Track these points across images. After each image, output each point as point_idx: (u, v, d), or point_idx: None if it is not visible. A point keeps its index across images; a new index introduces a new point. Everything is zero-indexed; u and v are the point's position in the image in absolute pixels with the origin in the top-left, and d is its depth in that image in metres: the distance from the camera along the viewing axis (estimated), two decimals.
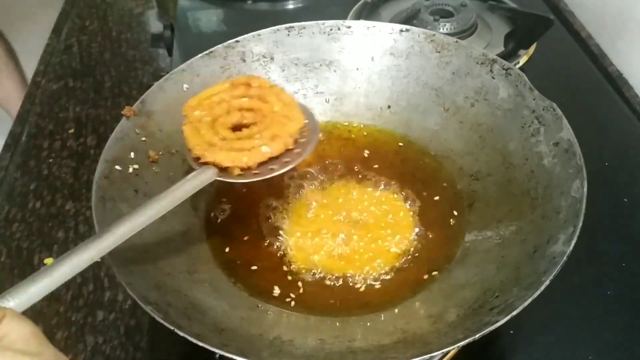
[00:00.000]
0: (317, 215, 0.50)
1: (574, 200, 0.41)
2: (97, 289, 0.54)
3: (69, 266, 0.34)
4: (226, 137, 0.45)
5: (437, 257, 0.47)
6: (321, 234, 0.49)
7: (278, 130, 0.45)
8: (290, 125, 0.45)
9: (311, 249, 0.48)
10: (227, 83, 0.49)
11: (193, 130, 0.45)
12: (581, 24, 0.80)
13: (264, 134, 0.44)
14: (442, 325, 0.40)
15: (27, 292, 0.31)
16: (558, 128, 0.46)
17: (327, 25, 0.57)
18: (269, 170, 0.44)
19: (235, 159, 0.43)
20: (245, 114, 0.47)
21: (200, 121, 0.46)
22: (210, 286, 0.44)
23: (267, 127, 0.45)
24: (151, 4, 0.92)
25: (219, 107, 0.47)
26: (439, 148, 0.55)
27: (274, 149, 0.44)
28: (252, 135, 0.45)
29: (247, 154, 0.43)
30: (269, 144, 0.44)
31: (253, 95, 0.48)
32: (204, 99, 0.48)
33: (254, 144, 0.44)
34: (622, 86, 0.71)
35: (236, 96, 0.48)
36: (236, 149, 0.43)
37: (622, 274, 0.51)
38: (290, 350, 0.39)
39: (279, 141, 0.44)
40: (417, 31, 0.56)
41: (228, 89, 0.48)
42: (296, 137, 0.46)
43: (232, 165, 0.43)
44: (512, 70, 0.51)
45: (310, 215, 0.50)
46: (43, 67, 0.80)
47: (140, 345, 0.49)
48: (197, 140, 0.44)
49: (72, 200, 0.62)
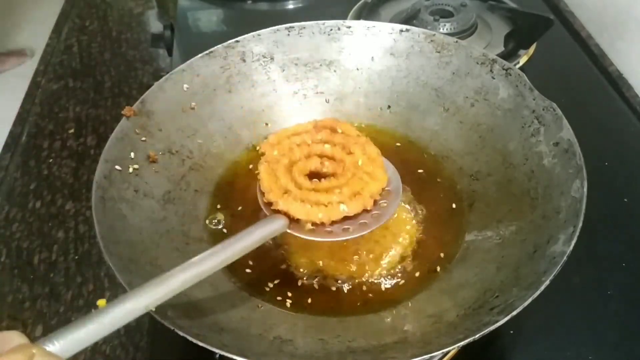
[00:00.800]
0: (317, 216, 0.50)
1: (574, 200, 0.41)
2: (97, 289, 0.54)
3: (123, 312, 0.31)
4: (302, 185, 0.42)
5: (437, 257, 0.47)
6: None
7: (359, 188, 0.42)
8: (373, 184, 0.42)
9: (311, 250, 0.48)
10: (311, 124, 0.47)
11: (269, 172, 0.43)
12: (581, 24, 0.80)
13: (344, 191, 0.42)
14: (442, 325, 0.40)
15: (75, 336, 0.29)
16: (558, 128, 0.46)
17: (327, 25, 0.57)
18: (343, 232, 0.41)
19: (310, 213, 0.40)
20: (326, 162, 0.44)
21: (278, 162, 0.43)
22: (210, 286, 0.44)
23: (347, 183, 0.42)
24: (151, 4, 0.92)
25: (299, 150, 0.44)
26: (439, 148, 0.55)
27: (352, 208, 0.41)
28: (331, 189, 0.42)
29: (324, 209, 0.41)
30: (348, 202, 0.41)
31: (337, 143, 0.45)
32: (284, 137, 0.46)
33: (332, 200, 0.41)
34: (622, 86, 0.71)
35: (318, 140, 0.45)
36: (312, 202, 0.41)
37: (622, 274, 0.51)
38: (290, 350, 0.39)
39: (359, 201, 0.41)
40: (417, 31, 0.56)
41: (311, 130, 0.46)
42: (377, 198, 0.43)
43: (305, 219, 0.41)
44: (512, 70, 0.51)
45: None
46: (43, 67, 0.80)
47: (140, 345, 0.49)
48: (272, 185, 0.42)
49: (72, 200, 0.62)
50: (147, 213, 0.46)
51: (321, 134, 0.46)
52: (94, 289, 0.54)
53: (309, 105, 0.58)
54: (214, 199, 0.52)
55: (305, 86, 0.58)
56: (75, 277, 0.55)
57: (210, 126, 0.54)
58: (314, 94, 0.58)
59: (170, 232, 0.47)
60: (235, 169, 0.54)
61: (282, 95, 0.58)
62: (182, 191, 0.50)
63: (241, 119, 0.56)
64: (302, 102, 0.58)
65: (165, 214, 0.48)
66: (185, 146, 0.52)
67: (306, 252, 0.47)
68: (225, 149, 0.55)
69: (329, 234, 0.41)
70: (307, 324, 0.43)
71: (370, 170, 0.43)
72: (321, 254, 0.47)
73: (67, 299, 0.53)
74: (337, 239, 0.41)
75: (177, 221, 0.48)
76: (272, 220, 0.41)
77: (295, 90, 0.58)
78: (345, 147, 0.45)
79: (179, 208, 0.49)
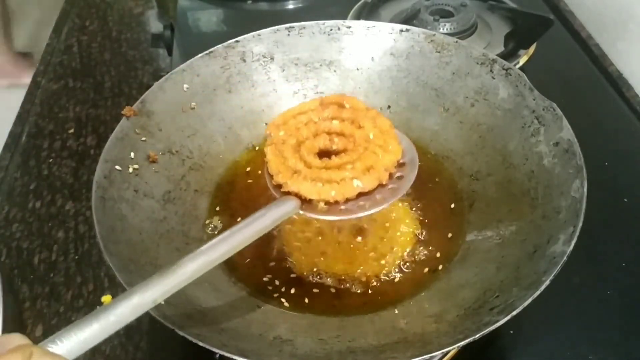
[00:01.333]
0: None
1: (574, 200, 0.41)
2: (97, 289, 0.54)
3: (130, 307, 0.30)
4: (312, 164, 0.40)
5: (437, 257, 0.47)
6: (321, 234, 0.49)
7: (373, 162, 0.39)
8: (387, 157, 0.40)
9: (311, 250, 0.48)
10: (317, 101, 0.44)
11: (276, 153, 0.41)
12: (581, 24, 0.80)
13: (357, 166, 0.39)
14: (442, 325, 0.40)
15: (79, 336, 0.28)
16: (558, 128, 0.46)
17: (327, 25, 0.57)
18: (359, 208, 0.39)
19: (322, 191, 0.38)
20: (335, 138, 0.42)
21: (285, 143, 0.41)
22: (210, 286, 0.44)
23: (359, 157, 0.40)
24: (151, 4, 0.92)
25: (306, 129, 0.42)
26: (439, 148, 0.55)
27: (366, 183, 0.39)
28: (343, 166, 0.39)
29: (336, 187, 0.38)
30: (361, 177, 0.39)
31: (345, 118, 0.43)
32: (290, 117, 0.43)
33: (344, 176, 0.39)
34: (622, 86, 0.71)
35: (326, 117, 0.43)
36: (323, 180, 0.39)
37: (622, 274, 0.51)
38: (290, 350, 0.39)
39: (373, 175, 0.39)
40: (417, 31, 0.56)
41: (317, 108, 0.44)
42: (392, 171, 0.41)
43: (317, 199, 0.39)
44: (512, 70, 0.51)
45: None
46: (43, 67, 0.80)
47: (140, 345, 0.49)
48: (280, 166, 0.40)
49: (72, 200, 0.62)
50: (147, 213, 0.46)
51: (328, 111, 0.43)
52: (94, 289, 0.54)
53: None
54: (214, 199, 0.52)
55: (305, 86, 0.58)
56: (75, 277, 0.55)
57: (210, 126, 0.54)
58: (314, 94, 0.58)
59: (170, 232, 0.47)
60: (235, 169, 0.54)
61: (282, 95, 0.58)
62: (182, 191, 0.50)
63: (241, 119, 0.56)
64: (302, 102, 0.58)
65: (165, 214, 0.48)
66: (185, 146, 0.52)
67: (306, 251, 0.47)
68: (225, 149, 0.55)
69: (345, 212, 0.39)
70: (307, 324, 0.43)
71: (382, 143, 0.41)
72: (321, 253, 0.47)
73: (67, 299, 0.53)
74: (354, 216, 0.39)
75: (177, 221, 0.48)
76: (283, 202, 0.39)
77: (295, 90, 0.58)
78: (354, 121, 0.42)
79: (179, 208, 0.49)
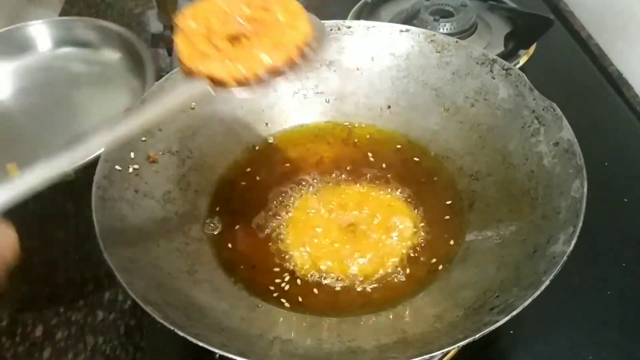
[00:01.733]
0: (317, 216, 0.50)
1: (574, 200, 0.41)
2: (97, 289, 0.54)
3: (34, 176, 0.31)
4: (223, 48, 0.39)
5: (437, 257, 0.47)
6: (321, 234, 0.49)
7: (281, 38, 0.39)
8: (295, 33, 0.39)
9: (311, 250, 0.48)
10: None
11: (186, 41, 0.40)
12: (581, 24, 0.80)
13: (265, 42, 0.38)
14: (442, 325, 0.40)
15: None
16: (558, 128, 0.46)
17: (327, 25, 0.57)
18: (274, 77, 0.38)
19: (231, 69, 0.37)
20: (245, 23, 0.41)
21: (195, 33, 0.40)
22: (210, 286, 0.44)
23: (267, 34, 0.39)
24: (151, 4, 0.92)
25: (216, 18, 0.41)
26: (439, 148, 0.55)
27: (275, 58, 0.38)
28: (252, 45, 0.39)
29: (245, 62, 0.38)
30: (270, 52, 0.38)
31: (257, 6, 0.42)
32: (200, 10, 0.42)
33: (253, 53, 0.38)
34: (622, 86, 0.71)
35: (236, 6, 0.42)
36: (232, 58, 0.38)
37: (622, 274, 0.51)
38: (290, 350, 0.39)
39: (282, 50, 0.38)
40: (417, 31, 0.56)
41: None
42: (302, 50, 0.39)
43: (227, 78, 0.38)
44: (512, 70, 0.51)
45: (311, 216, 0.50)
46: None
47: (140, 345, 0.49)
48: (190, 51, 0.39)
49: (72, 200, 0.62)
50: (147, 213, 0.46)
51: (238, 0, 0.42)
52: (94, 289, 0.54)
53: (309, 105, 0.58)
54: (214, 199, 0.52)
55: (305, 86, 0.58)
56: (75, 277, 0.55)
57: (210, 126, 0.54)
58: (314, 94, 0.58)
59: (170, 232, 0.47)
60: (235, 169, 0.54)
61: (282, 95, 0.58)
62: (182, 191, 0.50)
63: (241, 119, 0.56)
64: (302, 102, 0.58)
65: (165, 214, 0.48)
66: (185, 146, 0.52)
67: (306, 252, 0.47)
68: (225, 149, 0.55)
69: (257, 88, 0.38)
70: (307, 324, 0.43)
71: (292, 22, 0.40)
72: (321, 253, 0.47)
73: (67, 299, 0.53)
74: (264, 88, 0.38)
75: (177, 221, 0.48)
76: (191, 82, 0.38)
77: (295, 90, 0.58)
78: (265, 7, 0.41)
79: (179, 208, 0.49)
